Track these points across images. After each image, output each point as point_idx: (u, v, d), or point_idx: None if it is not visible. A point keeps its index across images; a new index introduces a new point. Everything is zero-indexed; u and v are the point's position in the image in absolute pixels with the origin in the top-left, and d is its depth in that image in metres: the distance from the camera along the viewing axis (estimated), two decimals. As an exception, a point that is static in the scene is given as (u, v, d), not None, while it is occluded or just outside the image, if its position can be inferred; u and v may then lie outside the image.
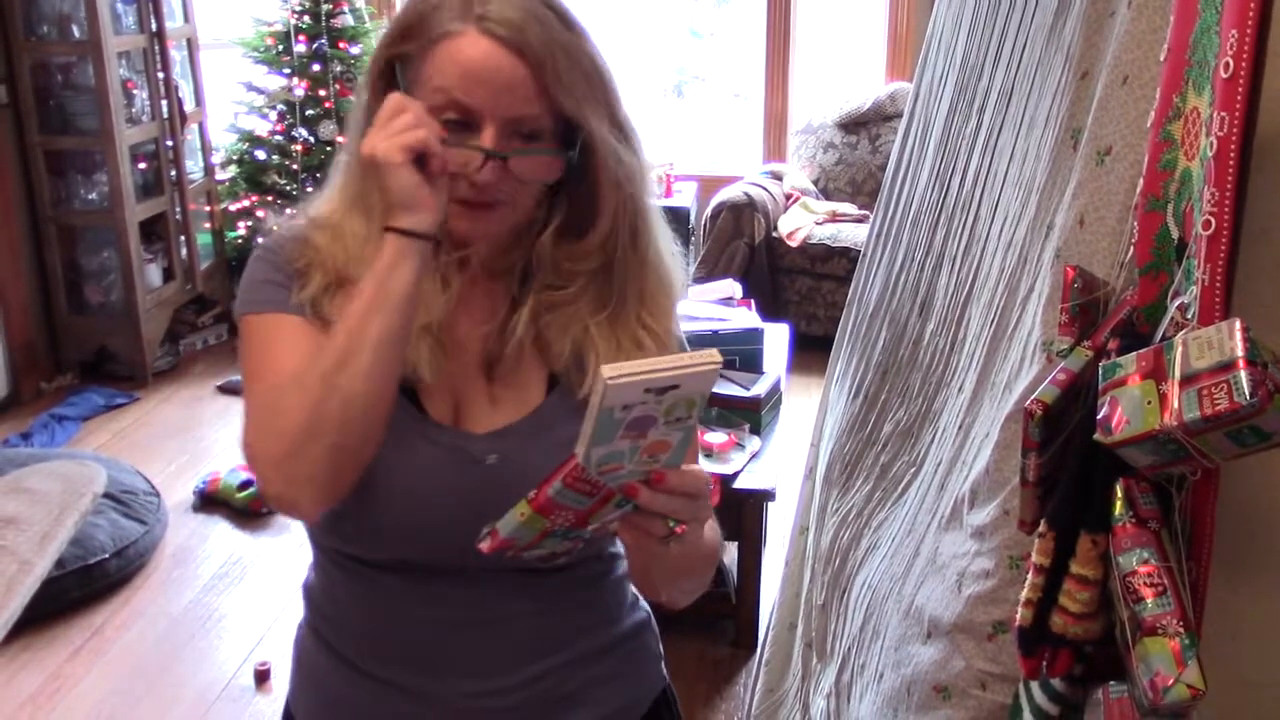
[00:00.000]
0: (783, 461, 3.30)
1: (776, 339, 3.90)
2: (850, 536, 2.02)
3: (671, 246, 1.31)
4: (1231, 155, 1.01)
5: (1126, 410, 1.03)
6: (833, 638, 2.03)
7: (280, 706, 1.42)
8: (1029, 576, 1.17)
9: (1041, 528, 1.16)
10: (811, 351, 4.83)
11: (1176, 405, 0.99)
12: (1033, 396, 1.17)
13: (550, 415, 1.24)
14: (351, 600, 1.27)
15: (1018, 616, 1.18)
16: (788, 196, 5.67)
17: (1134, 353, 1.08)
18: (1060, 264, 1.36)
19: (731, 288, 4.16)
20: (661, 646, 1.43)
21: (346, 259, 1.20)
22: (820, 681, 2.07)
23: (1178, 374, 1.01)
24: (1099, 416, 1.06)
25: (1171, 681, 1.00)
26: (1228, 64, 1.01)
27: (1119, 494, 1.09)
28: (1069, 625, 1.15)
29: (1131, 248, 1.22)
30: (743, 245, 5.33)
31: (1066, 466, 1.17)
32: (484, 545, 0.98)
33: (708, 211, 5.47)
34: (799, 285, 5.44)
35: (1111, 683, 1.16)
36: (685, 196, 5.74)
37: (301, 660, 1.37)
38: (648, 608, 1.44)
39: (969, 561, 1.49)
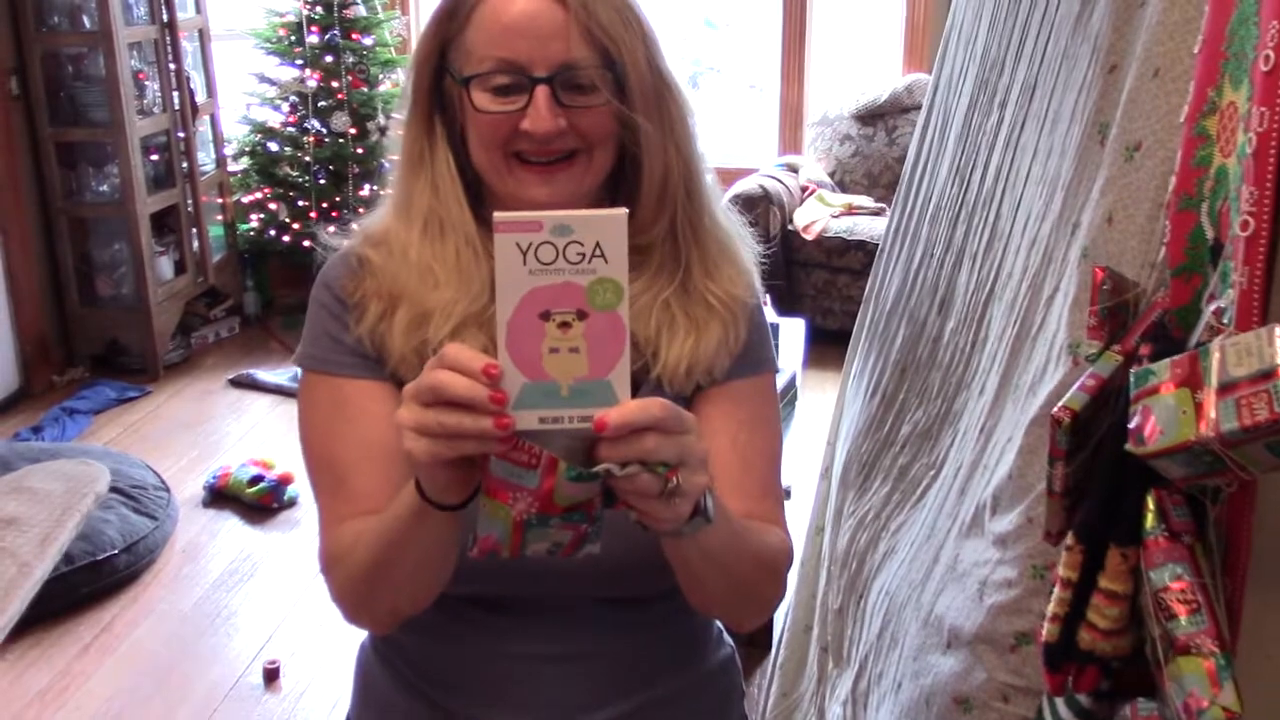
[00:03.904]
0: (798, 459, 3.26)
1: (792, 334, 3.85)
2: (867, 540, 1.98)
3: (732, 215, 1.28)
4: (1272, 152, 0.96)
5: (1160, 420, 0.99)
6: (849, 643, 1.98)
7: (290, 706, 1.39)
8: (1055, 590, 1.13)
9: (1069, 540, 1.11)
10: (827, 346, 4.78)
11: (1213, 415, 0.94)
12: (1060, 403, 1.12)
13: None
14: (423, 629, 1.22)
15: (1044, 631, 1.14)
16: (803, 189, 5.62)
17: (1167, 359, 1.03)
18: (1087, 263, 1.31)
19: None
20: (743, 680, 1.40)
21: (401, 274, 1.19)
22: (836, 688, 2.03)
23: (1214, 382, 0.96)
24: (1130, 426, 1.02)
25: (1206, 704, 0.96)
26: (1268, 56, 0.96)
27: (1150, 506, 1.04)
28: (1097, 641, 1.10)
29: (1163, 248, 1.17)
30: (759, 238, 5.26)
31: (1095, 477, 1.13)
32: (472, 551, 0.94)
33: (718, 188, 5.40)
34: (815, 279, 5.39)
35: (1140, 700, 1.11)
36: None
37: (365, 683, 1.34)
38: (732, 642, 1.40)
39: (991, 570, 1.45)
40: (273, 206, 5.51)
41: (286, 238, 5.46)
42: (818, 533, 2.48)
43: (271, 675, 3.04)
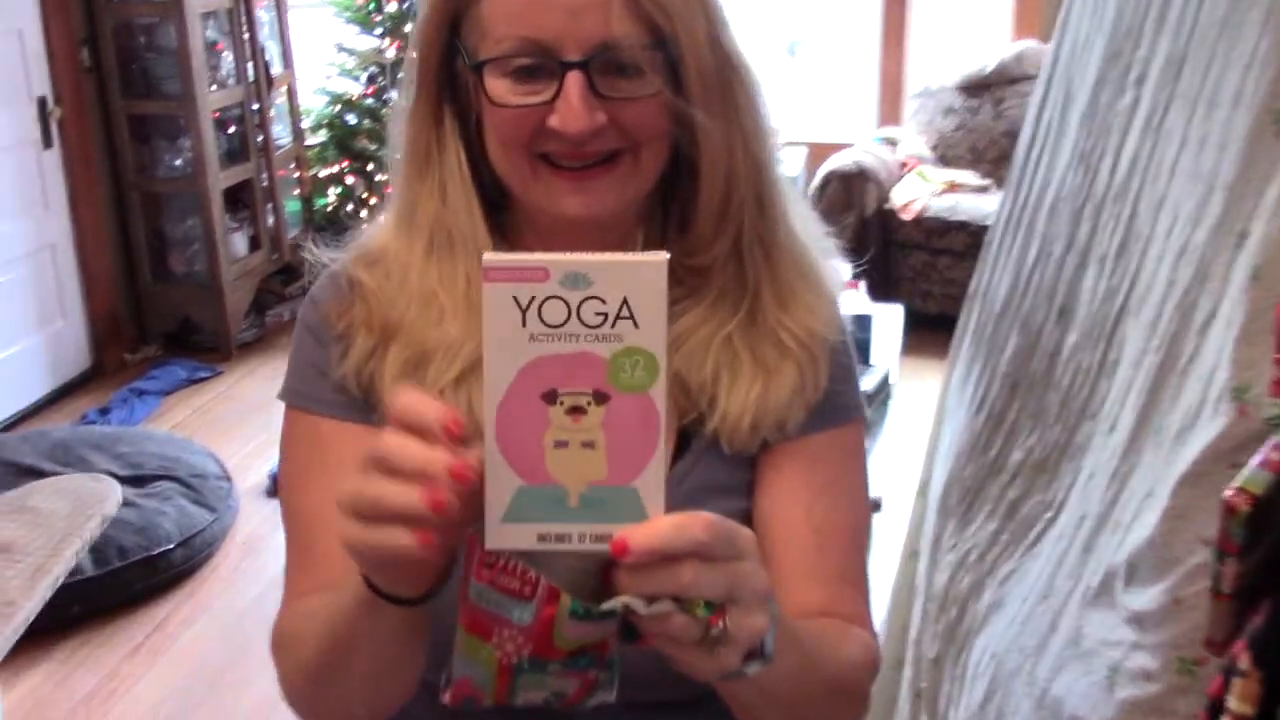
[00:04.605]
0: (893, 467, 3.00)
1: (887, 324, 3.58)
2: (970, 584, 1.73)
3: (813, 225, 1.03)
4: None
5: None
6: (946, 700, 1.73)
7: None
8: (1224, 725, 0.87)
9: (1244, 663, 0.86)
10: (925, 332, 4.50)
11: None
12: (1235, 484, 0.86)
13: (684, 491, 0.96)
14: None
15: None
16: (902, 165, 5.31)
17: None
18: (1260, 288, 1.05)
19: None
20: None
21: (399, 302, 0.97)
22: (930, 748, 1.78)
23: None
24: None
25: None
26: None
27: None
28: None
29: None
30: (853, 218, 4.99)
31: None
32: (445, 696, 0.72)
33: (816, 181, 5.13)
34: (913, 261, 5.08)
35: None
36: (792, 165, 5.40)
37: None
38: None
39: (1124, 655, 1.19)
40: (350, 180, 5.35)
41: (364, 212, 5.31)
42: (911, 558, 2.23)
43: (325, 684, 2.88)
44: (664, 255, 0.66)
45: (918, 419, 3.44)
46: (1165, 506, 1.14)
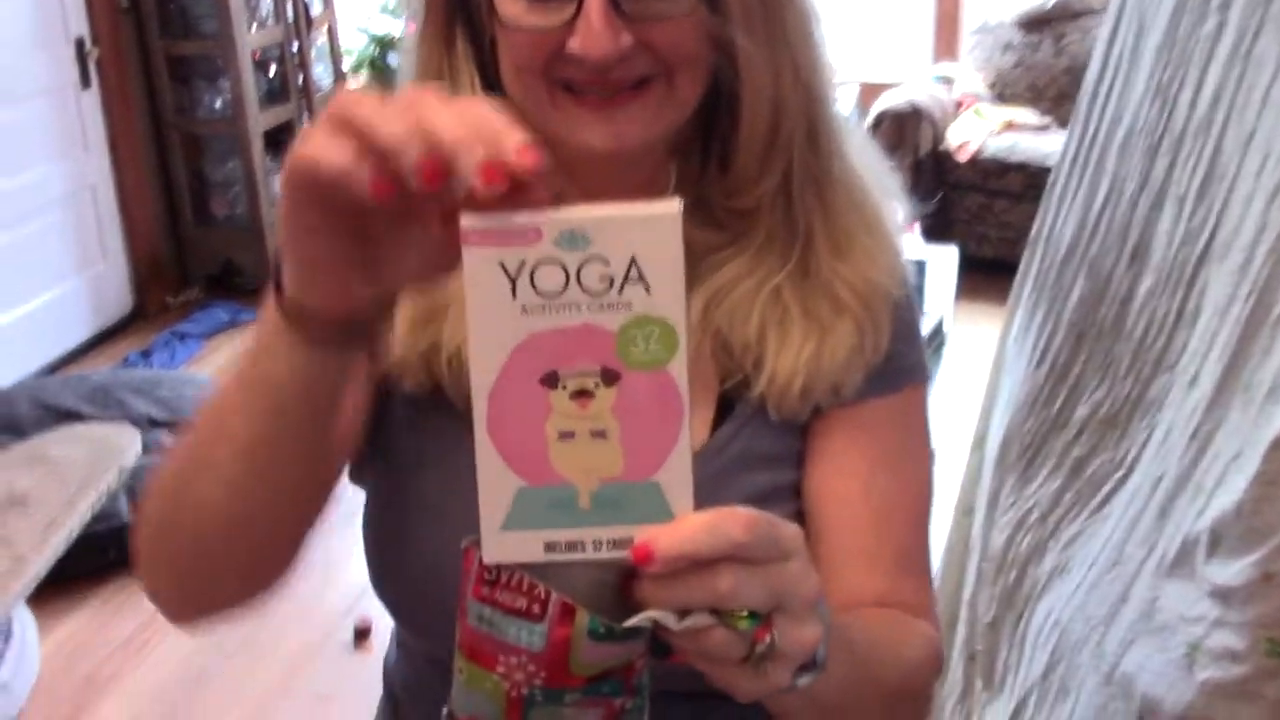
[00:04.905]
0: (946, 419, 2.89)
1: (941, 268, 3.45)
2: (1031, 545, 1.63)
3: (874, 160, 0.92)
4: None
5: None
6: (1004, 668, 1.64)
7: (377, 671, 1.10)
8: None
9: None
10: (981, 276, 4.37)
11: None
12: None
13: (725, 460, 0.87)
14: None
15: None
16: (958, 103, 5.14)
17: None
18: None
19: (892, 210, 3.72)
20: None
21: None
22: (986, 716, 1.69)
23: None
24: None
25: None
26: None
27: None
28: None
29: None
30: (907, 159, 4.84)
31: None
32: None
33: (868, 120, 4.98)
34: (969, 203, 4.92)
35: None
36: (843, 103, 5.24)
37: None
38: None
39: (1205, 632, 1.09)
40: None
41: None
42: (966, 514, 2.13)
43: (362, 634, 2.83)
44: (676, 203, 0.56)
45: (972, 367, 3.32)
46: (1255, 471, 1.03)
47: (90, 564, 2.97)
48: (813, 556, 0.87)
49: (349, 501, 2.94)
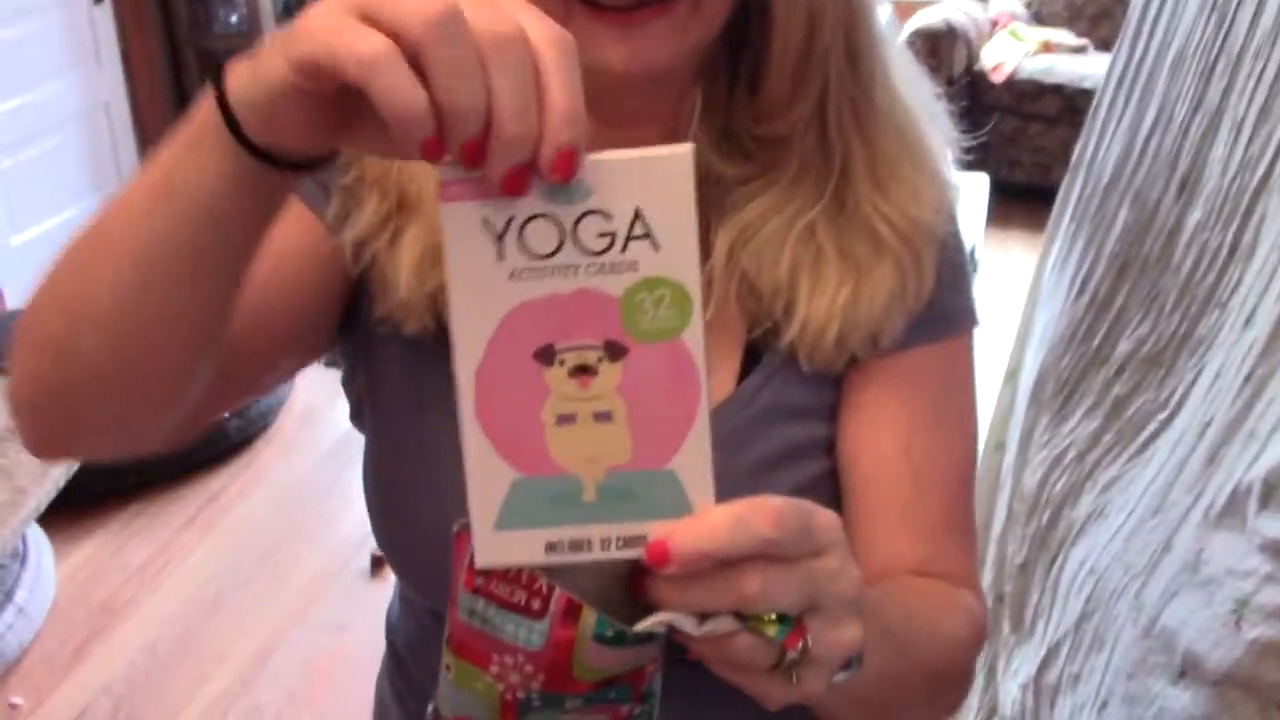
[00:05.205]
0: (976, 347, 2.81)
1: (973, 195, 3.35)
2: (1066, 487, 1.56)
3: (920, 84, 0.83)
4: None
5: None
6: (1034, 613, 1.59)
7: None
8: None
9: None
10: (1013, 203, 4.27)
11: None
12: None
13: (752, 413, 0.80)
14: None
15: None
16: (993, 22, 4.99)
17: None
18: None
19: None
20: None
21: (420, 172, 0.77)
22: (1014, 661, 1.64)
23: None
24: None
25: None
26: None
27: None
28: None
29: None
30: (941, 80, 4.70)
31: None
32: None
33: (900, 40, 4.84)
34: (1002, 126, 4.79)
35: None
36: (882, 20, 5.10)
37: (382, 717, 0.99)
38: None
39: (1255, 588, 1.02)
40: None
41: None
42: (997, 449, 2.06)
43: (379, 563, 2.80)
44: (687, 147, 0.48)
45: (1003, 296, 3.24)
46: (1318, 419, 0.96)
47: (107, 488, 2.95)
48: (846, 519, 0.81)
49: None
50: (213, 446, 3.15)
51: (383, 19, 0.47)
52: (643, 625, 0.50)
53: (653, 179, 0.48)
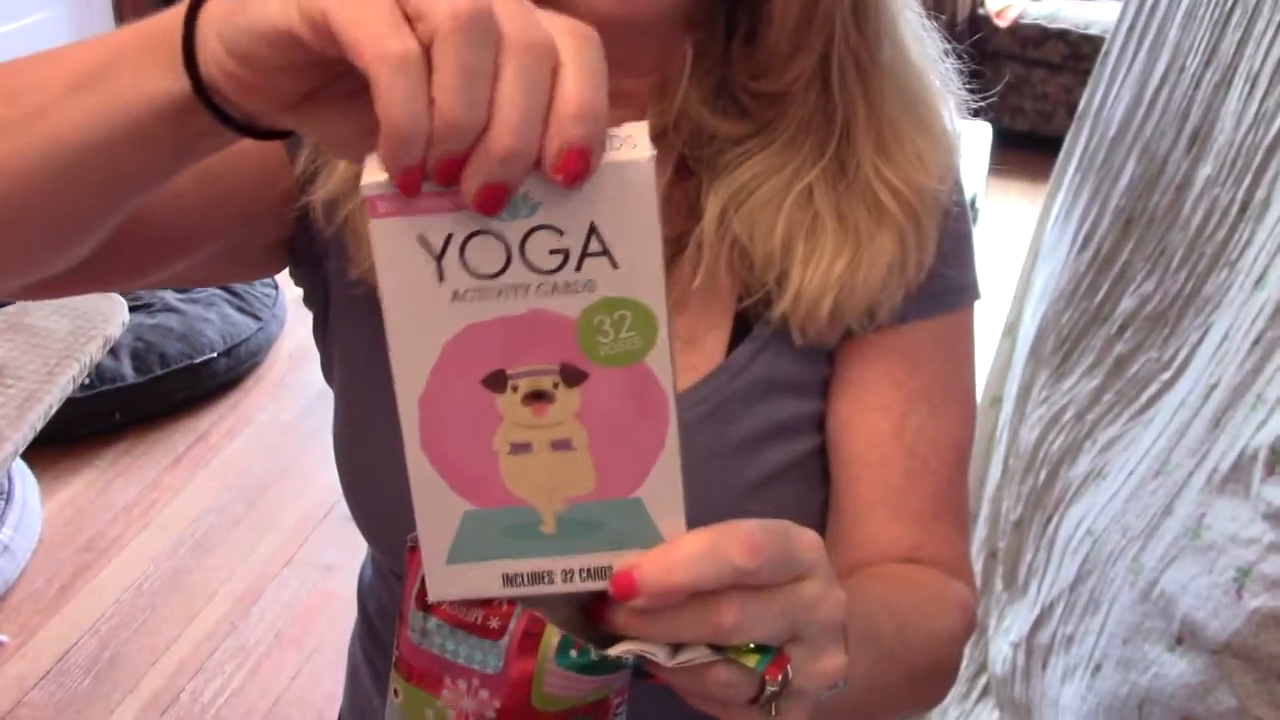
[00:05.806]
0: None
1: (974, 143, 3.30)
2: (1064, 445, 1.53)
3: (929, 43, 0.79)
4: None
5: None
6: (1028, 571, 1.57)
7: None
8: None
9: None
10: (1014, 151, 4.20)
11: None
12: None
13: (741, 385, 0.76)
14: None
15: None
16: (999, -34, 4.91)
17: None
18: None
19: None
20: None
21: None
22: (1005, 618, 1.63)
23: None
24: None
25: None
26: None
27: None
28: None
29: None
30: (941, 25, 4.63)
31: None
32: None
33: (907, -13, 4.77)
34: (1005, 72, 4.72)
35: None
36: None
37: (354, 681, 0.97)
38: None
39: (1259, 556, 1.01)
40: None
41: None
42: (993, 403, 2.04)
43: (368, 505, 2.79)
44: (647, 151, 0.43)
45: (1003, 247, 3.21)
46: (1330, 386, 0.94)
47: (95, 425, 2.92)
48: (834, 499, 0.78)
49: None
50: (200, 385, 3.12)
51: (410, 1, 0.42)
52: (613, 651, 0.47)
53: (608, 190, 0.43)
